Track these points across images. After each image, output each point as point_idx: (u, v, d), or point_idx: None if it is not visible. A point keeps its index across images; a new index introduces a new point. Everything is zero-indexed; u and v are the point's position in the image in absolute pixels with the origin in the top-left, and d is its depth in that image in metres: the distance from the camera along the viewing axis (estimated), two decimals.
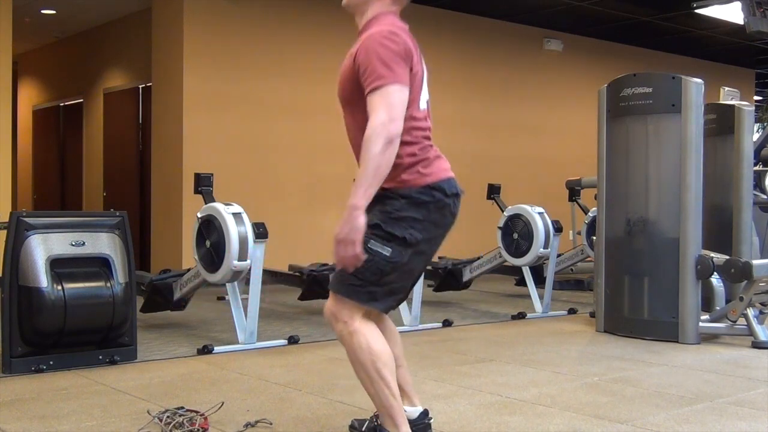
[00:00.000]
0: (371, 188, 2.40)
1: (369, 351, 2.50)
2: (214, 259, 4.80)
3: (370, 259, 2.47)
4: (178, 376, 4.02)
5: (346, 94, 2.61)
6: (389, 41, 2.48)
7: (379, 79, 2.43)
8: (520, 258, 6.46)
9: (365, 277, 2.49)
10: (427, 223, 2.54)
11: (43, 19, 10.01)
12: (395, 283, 2.56)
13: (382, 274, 2.50)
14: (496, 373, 4.12)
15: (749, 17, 7.33)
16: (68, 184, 11.20)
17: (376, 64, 2.45)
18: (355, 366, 2.55)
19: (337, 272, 2.55)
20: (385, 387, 2.51)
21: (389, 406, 2.53)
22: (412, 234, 2.51)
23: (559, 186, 8.48)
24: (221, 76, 8.26)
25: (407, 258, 2.52)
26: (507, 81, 10.69)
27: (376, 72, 2.44)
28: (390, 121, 2.39)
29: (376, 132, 2.38)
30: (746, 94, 12.76)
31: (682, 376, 4.10)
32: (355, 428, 2.88)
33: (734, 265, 5.00)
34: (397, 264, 2.51)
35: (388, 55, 2.46)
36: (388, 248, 2.49)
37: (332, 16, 8.96)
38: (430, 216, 2.54)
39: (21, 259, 3.97)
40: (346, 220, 2.39)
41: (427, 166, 2.56)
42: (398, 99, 2.44)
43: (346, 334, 2.53)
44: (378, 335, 2.56)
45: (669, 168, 5.16)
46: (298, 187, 8.76)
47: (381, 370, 2.50)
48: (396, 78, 2.44)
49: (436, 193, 2.55)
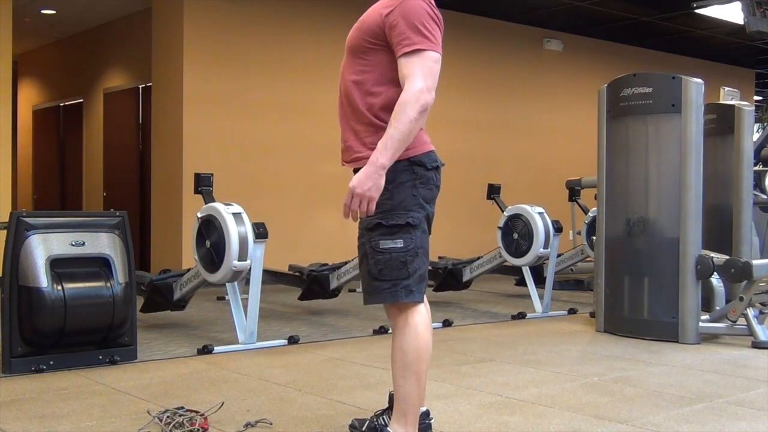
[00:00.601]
0: (398, 151, 2.43)
1: (416, 345, 2.54)
2: (214, 259, 4.80)
3: (389, 258, 2.53)
4: (178, 376, 4.02)
5: (358, 44, 2.61)
6: (430, 9, 2.51)
7: (420, 42, 2.44)
8: (520, 258, 6.45)
9: (393, 276, 2.54)
10: (419, 200, 2.58)
11: (43, 19, 10.01)
12: (420, 268, 2.59)
13: (405, 265, 2.54)
14: (496, 373, 4.12)
15: (749, 17, 7.33)
16: (68, 184, 11.20)
17: (418, 27, 2.45)
18: (395, 355, 2.57)
19: (367, 285, 2.60)
20: (416, 383, 2.54)
21: (409, 401, 2.55)
22: (412, 216, 2.56)
23: (559, 186, 8.47)
24: (221, 76, 8.26)
25: (418, 239, 2.57)
26: (507, 81, 10.68)
27: (419, 34, 2.45)
28: (427, 90, 2.41)
29: (414, 98, 2.40)
30: (746, 94, 12.76)
31: (682, 376, 4.10)
32: (356, 428, 2.90)
33: (734, 265, 5.00)
34: (412, 250, 2.55)
35: (430, 22, 2.48)
36: (399, 240, 2.54)
37: (332, 16, 8.97)
38: (419, 193, 2.57)
39: (21, 259, 3.97)
40: (368, 176, 2.40)
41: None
42: (436, 68, 2.46)
43: (402, 324, 2.57)
44: (429, 330, 2.60)
45: (669, 168, 5.16)
46: (298, 187, 8.76)
47: (419, 365, 2.54)
48: (435, 46, 2.47)
49: (418, 168, 2.56)
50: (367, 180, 2.40)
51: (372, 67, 2.57)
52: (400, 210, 2.53)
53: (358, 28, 2.63)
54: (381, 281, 2.54)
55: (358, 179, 2.41)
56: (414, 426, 2.57)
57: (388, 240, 2.53)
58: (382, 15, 2.53)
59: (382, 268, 2.53)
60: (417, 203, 2.57)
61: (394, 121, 2.41)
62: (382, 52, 2.55)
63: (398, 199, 2.53)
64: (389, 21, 2.49)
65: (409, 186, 2.55)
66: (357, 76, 2.59)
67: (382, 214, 2.53)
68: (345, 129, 2.67)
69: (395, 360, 2.57)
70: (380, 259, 2.54)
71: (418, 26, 2.45)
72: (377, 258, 2.55)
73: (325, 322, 5.91)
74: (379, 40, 2.54)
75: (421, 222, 2.59)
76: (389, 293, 2.55)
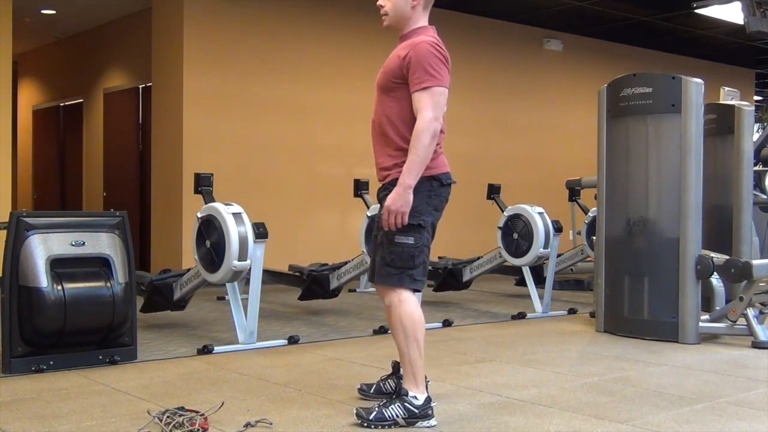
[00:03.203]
0: (420, 171, 3.03)
1: (411, 316, 3.09)
2: (214, 259, 4.80)
3: (401, 250, 3.09)
4: (178, 376, 4.02)
5: (385, 84, 3.19)
6: (436, 50, 3.08)
7: (428, 81, 3.03)
8: (520, 258, 6.46)
9: (402, 265, 3.09)
10: (431, 209, 3.14)
11: (43, 19, 10.01)
12: (424, 261, 3.16)
13: (413, 258, 3.10)
14: (496, 373, 4.12)
15: (749, 17, 7.33)
16: (68, 184, 11.19)
17: (427, 68, 3.04)
18: (396, 327, 3.11)
19: (380, 269, 3.15)
20: (417, 348, 3.09)
21: (415, 365, 3.09)
22: (424, 219, 3.11)
23: (559, 186, 8.47)
24: (221, 76, 8.26)
25: (425, 239, 3.14)
26: (507, 81, 10.68)
27: (427, 73, 3.03)
28: (435, 119, 3.02)
29: (426, 127, 3.00)
30: (746, 94, 12.75)
31: (682, 376, 4.10)
32: (364, 391, 3.49)
33: (734, 265, 5.00)
34: (420, 246, 3.12)
35: (436, 62, 3.06)
36: (411, 237, 3.09)
37: (332, 17, 8.97)
38: (432, 202, 3.14)
39: (21, 259, 3.97)
40: (400, 195, 3.02)
41: (434, 159, 3.11)
42: (442, 100, 3.07)
43: (396, 302, 3.10)
44: (418, 306, 3.15)
45: (669, 168, 5.16)
46: (298, 187, 8.76)
47: (417, 333, 3.09)
48: (441, 81, 3.05)
49: (435, 183, 3.14)
50: (398, 198, 3.02)
51: (398, 102, 3.14)
52: (415, 213, 3.07)
53: (384, 72, 3.22)
54: (392, 267, 3.10)
55: (392, 198, 3.03)
56: (423, 384, 3.11)
57: (402, 236, 3.08)
58: (401, 57, 3.13)
59: (395, 257, 3.09)
60: (429, 210, 3.13)
61: (413, 149, 3.02)
62: (405, 89, 3.11)
63: (415, 204, 3.06)
64: (406, 63, 3.09)
65: (425, 196, 3.11)
66: (387, 111, 3.18)
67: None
68: (379, 153, 3.23)
69: (396, 333, 3.11)
70: (394, 250, 3.09)
71: (426, 67, 3.04)
72: (391, 249, 3.10)
73: (325, 322, 5.91)
74: (400, 79, 3.12)
75: (429, 226, 3.14)
76: (397, 278, 3.10)
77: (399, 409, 3.05)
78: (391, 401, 3.09)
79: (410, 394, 3.07)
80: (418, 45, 3.09)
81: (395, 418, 3.04)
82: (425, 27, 3.21)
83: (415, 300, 3.15)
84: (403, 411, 3.04)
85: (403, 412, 3.04)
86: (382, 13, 3.25)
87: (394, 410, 3.04)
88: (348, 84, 9.02)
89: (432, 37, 3.15)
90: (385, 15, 3.25)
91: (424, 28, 3.21)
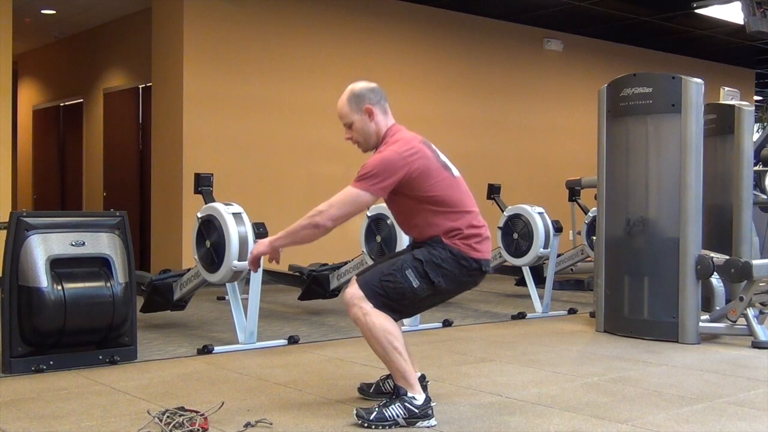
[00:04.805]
0: (288, 243, 3.15)
1: (382, 327, 3.04)
2: (214, 259, 4.80)
3: (401, 283, 3.05)
4: (178, 376, 4.02)
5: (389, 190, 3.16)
6: (395, 155, 3.07)
7: (358, 181, 3.06)
8: (520, 258, 6.46)
9: (387, 293, 3.05)
10: (456, 280, 3.13)
11: (43, 19, 10.01)
12: (405, 308, 3.17)
13: (402, 297, 3.07)
14: (496, 373, 4.12)
15: (749, 17, 7.33)
16: (68, 184, 11.19)
17: (368, 169, 3.05)
18: (371, 342, 3.08)
19: (373, 272, 3.13)
20: (398, 354, 3.06)
21: (403, 370, 3.08)
22: (440, 281, 3.09)
23: (559, 186, 8.47)
24: (221, 76, 8.26)
25: (425, 296, 3.11)
26: (507, 81, 10.68)
27: (364, 176, 3.05)
28: (326, 215, 3.07)
29: (313, 213, 3.09)
30: (746, 94, 12.75)
31: (682, 376, 4.10)
32: (364, 391, 3.51)
33: (734, 265, 5.00)
34: (416, 296, 3.09)
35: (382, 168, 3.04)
36: (418, 282, 3.06)
37: (332, 16, 8.97)
38: (461, 276, 3.13)
39: (21, 259, 3.96)
40: (264, 244, 3.18)
41: (480, 242, 3.16)
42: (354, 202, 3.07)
43: (361, 316, 3.05)
44: (387, 318, 3.07)
45: (669, 168, 5.16)
46: (297, 187, 8.76)
47: (393, 341, 3.05)
48: (369, 188, 3.04)
49: (474, 264, 3.14)
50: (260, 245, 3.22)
51: (393, 204, 3.21)
52: (440, 270, 3.08)
53: None
54: (378, 286, 3.05)
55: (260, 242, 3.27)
56: (417, 384, 3.10)
57: (413, 274, 3.06)
58: None
59: (390, 282, 3.05)
60: (453, 280, 3.12)
61: (299, 221, 3.12)
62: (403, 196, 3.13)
63: (447, 266, 3.08)
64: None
65: (460, 267, 3.10)
66: (399, 209, 3.25)
67: (430, 258, 3.07)
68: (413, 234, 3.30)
69: (374, 347, 3.09)
70: (395, 277, 3.06)
71: (369, 168, 3.06)
72: (395, 275, 3.07)
73: (325, 322, 5.91)
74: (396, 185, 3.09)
75: (441, 291, 3.14)
76: (373, 295, 3.05)
77: (399, 408, 3.05)
78: (391, 401, 3.09)
79: (409, 394, 3.09)
80: (382, 151, 3.14)
81: (396, 418, 3.04)
82: (390, 130, 3.23)
83: (381, 313, 3.08)
84: (404, 411, 3.05)
85: (403, 412, 3.04)
86: (354, 143, 3.30)
87: (395, 410, 3.05)
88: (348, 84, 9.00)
89: (397, 141, 3.14)
90: (357, 143, 3.29)
91: (390, 133, 3.22)
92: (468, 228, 3.14)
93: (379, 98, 3.26)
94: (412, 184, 3.10)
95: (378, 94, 3.27)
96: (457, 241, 3.11)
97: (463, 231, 3.12)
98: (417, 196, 3.13)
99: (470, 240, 3.14)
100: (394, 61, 9.38)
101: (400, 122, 3.35)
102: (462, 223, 3.13)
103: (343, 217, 3.08)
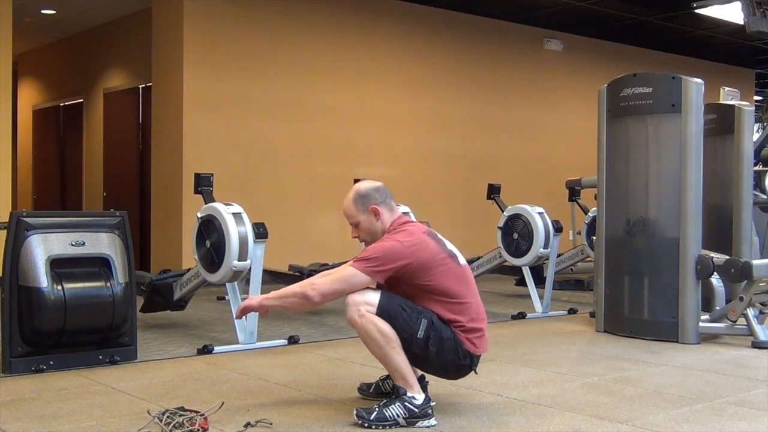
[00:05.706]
0: (277, 306, 3.23)
1: (378, 329, 3.06)
2: (214, 259, 4.80)
3: (410, 323, 3.08)
4: (178, 376, 4.02)
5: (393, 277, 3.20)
6: (396, 243, 3.13)
7: (358, 261, 3.10)
8: (520, 258, 6.45)
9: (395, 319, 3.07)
10: (445, 360, 3.16)
11: (43, 19, 10.00)
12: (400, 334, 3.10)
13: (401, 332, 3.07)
14: (495, 373, 4.12)
15: (749, 17, 7.33)
16: (68, 184, 11.19)
17: (370, 252, 3.12)
18: (368, 343, 3.11)
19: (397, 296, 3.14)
20: (396, 354, 3.08)
21: (401, 369, 3.10)
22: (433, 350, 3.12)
23: (559, 186, 8.47)
24: (221, 76, 8.25)
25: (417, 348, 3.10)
26: (507, 81, 10.68)
27: (364, 258, 3.10)
28: (317, 292, 3.11)
29: (307, 284, 3.18)
30: (746, 94, 12.75)
31: (682, 376, 4.10)
32: (364, 390, 3.55)
33: (734, 265, 5.00)
34: (410, 341, 3.08)
35: (380, 255, 3.10)
36: (423, 333, 3.08)
37: (332, 16, 8.97)
38: (452, 360, 3.17)
39: (21, 259, 3.96)
40: (260, 301, 3.26)
41: (479, 338, 3.21)
42: (349, 281, 3.10)
43: (357, 318, 3.09)
44: (383, 320, 3.09)
45: (669, 168, 5.16)
46: (298, 187, 8.76)
47: (390, 342, 3.07)
48: (364, 269, 3.08)
49: (467, 360, 3.20)
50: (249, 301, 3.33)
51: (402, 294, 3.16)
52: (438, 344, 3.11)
53: None
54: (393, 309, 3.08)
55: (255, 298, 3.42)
56: (416, 384, 3.12)
57: (424, 326, 3.08)
58: None
59: (404, 313, 3.08)
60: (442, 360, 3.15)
61: (293, 287, 3.20)
62: (404, 283, 3.15)
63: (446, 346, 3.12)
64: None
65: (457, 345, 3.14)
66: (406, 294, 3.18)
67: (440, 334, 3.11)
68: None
69: (371, 347, 3.11)
70: (411, 315, 3.09)
71: (370, 251, 3.13)
72: (411, 313, 3.09)
73: (325, 322, 5.91)
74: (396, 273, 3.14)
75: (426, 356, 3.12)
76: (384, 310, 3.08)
77: (399, 408, 3.06)
78: (391, 401, 3.10)
79: (409, 394, 3.10)
80: (386, 240, 3.19)
81: (396, 418, 3.05)
82: (396, 221, 3.29)
83: (376, 317, 3.11)
84: (404, 411, 3.06)
85: (403, 412, 3.05)
86: (361, 242, 3.38)
87: (395, 410, 3.05)
88: (348, 84, 9.02)
89: (402, 231, 3.21)
90: (365, 242, 3.34)
91: (396, 223, 3.28)
92: (470, 322, 3.18)
93: (384, 197, 3.31)
94: (412, 273, 3.14)
95: (383, 194, 3.32)
96: (459, 332, 3.16)
97: (465, 324, 3.17)
98: (417, 285, 3.17)
99: (471, 334, 3.18)
100: (394, 62, 9.38)
101: (401, 122, 3.35)
102: (464, 316, 3.17)
103: (333, 294, 3.13)
